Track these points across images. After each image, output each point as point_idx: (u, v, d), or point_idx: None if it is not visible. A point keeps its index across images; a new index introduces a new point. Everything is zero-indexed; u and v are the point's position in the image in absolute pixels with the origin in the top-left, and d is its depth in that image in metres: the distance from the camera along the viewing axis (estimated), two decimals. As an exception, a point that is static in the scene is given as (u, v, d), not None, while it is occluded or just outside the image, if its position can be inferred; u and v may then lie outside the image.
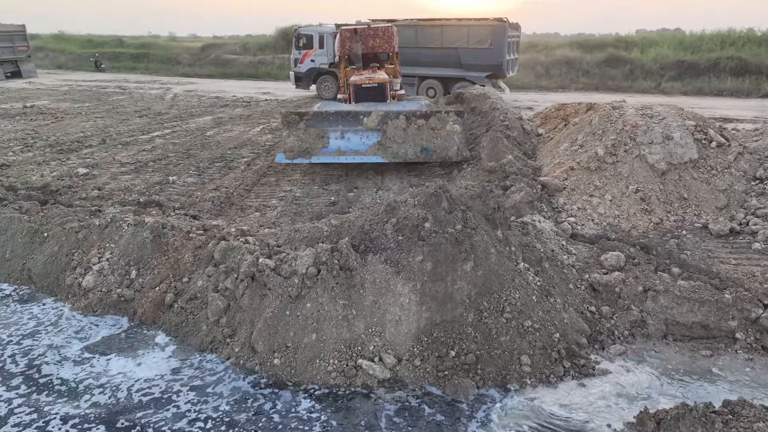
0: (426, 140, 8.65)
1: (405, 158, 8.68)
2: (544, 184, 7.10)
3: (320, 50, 18.11)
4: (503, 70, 15.85)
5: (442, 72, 16.52)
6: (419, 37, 16.59)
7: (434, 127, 8.69)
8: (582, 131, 8.00)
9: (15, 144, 11.16)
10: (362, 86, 9.80)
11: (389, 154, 8.66)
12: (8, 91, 21.63)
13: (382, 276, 4.99)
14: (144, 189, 8.21)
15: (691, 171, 6.98)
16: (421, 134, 8.68)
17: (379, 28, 11.26)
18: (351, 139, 8.82)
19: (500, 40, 15.37)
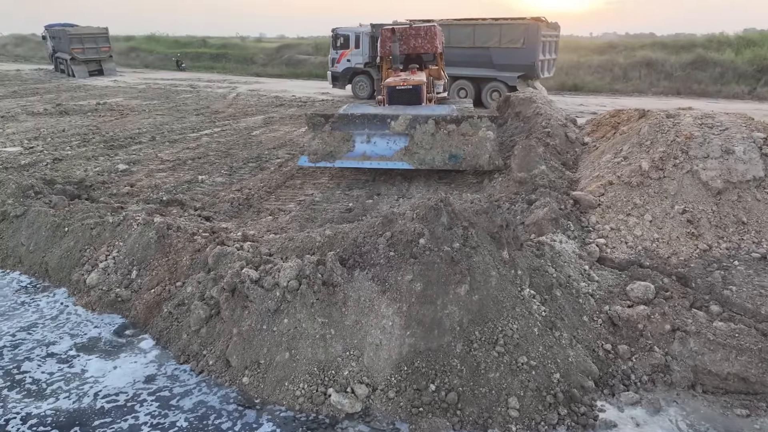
0: (455, 147, 8.17)
1: (432, 165, 8.23)
2: (576, 199, 6.40)
3: (356, 50, 18.22)
4: (537, 71, 15.33)
5: (474, 72, 16.11)
6: (452, 37, 16.19)
7: (465, 132, 8.19)
8: (628, 141, 7.18)
9: (75, 139, 11.79)
10: (396, 88, 9.44)
11: (416, 161, 8.24)
12: (93, 88, 23.19)
13: (367, 294, 4.61)
14: (172, 187, 8.31)
15: (755, 191, 6.03)
16: (451, 140, 8.20)
17: (421, 28, 10.79)
18: (377, 143, 8.52)
19: (534, 40, 14.87)
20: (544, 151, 7.69)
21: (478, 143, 8.13)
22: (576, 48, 32.01)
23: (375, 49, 16.58)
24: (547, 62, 16.39)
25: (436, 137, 8.27)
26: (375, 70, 17.54)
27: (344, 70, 18.74)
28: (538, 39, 15.03)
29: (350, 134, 8.63)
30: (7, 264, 6.64)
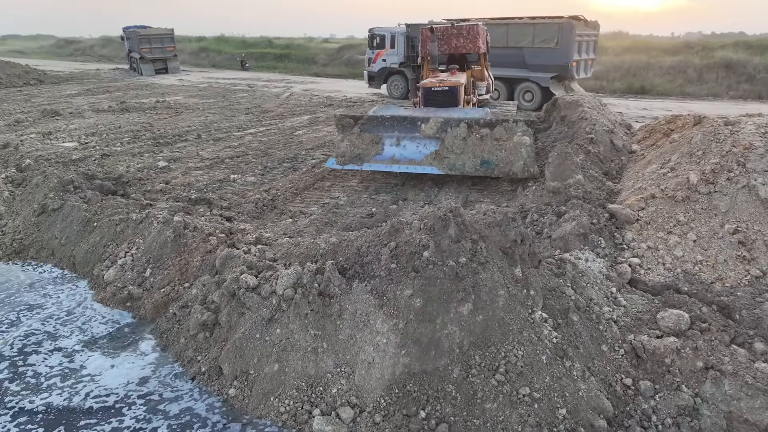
0: (488, 152, 7.76)
1: (462, 171, 7.84)
2: (612, 212, 5.86)
3: (391, 50, 18.27)
4: (571, 72, 14.88)
5: (506, 72, 15.56)
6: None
7: (499, 137, 7.76)
8: (677, 150, 6.51)
9: (127, 136, 12.26)
10: (432, 89, 9.06)
11: (446, 166, 7.87)
12: (158, 86, 24.25)
13: (364, 308, 4.37)
14: (204, 185, 8.39)
15: (823, 210, 5.27)
16: (483, 145, 7.80)
17: (463, 27, 10.37)
18: (407, 146, 8.22)
19: (568, 40, 14.38)
20: (584, 159, 7.13)
21: (512, 149, 7.68)
22: (646, 48, 30.24)
23: (410, 49, 17.34)
24: (583, 63, 15.86)
25: (467, 141, 7.88)
26: (410, 70, 17.67)
27: (380, 69, 18.86)
28: (572, 38, 14.49)
29: (379, 137, 8.40)
30: (41, 256, 6.89)
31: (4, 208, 7.82)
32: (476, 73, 10.78)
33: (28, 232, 7.18)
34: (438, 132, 8.02)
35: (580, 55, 15.23)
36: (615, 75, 24.82)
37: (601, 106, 10.46)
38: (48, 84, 25.71)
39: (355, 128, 8.54)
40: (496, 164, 7.75)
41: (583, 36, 15.23)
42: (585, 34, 15.53)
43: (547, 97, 14.37)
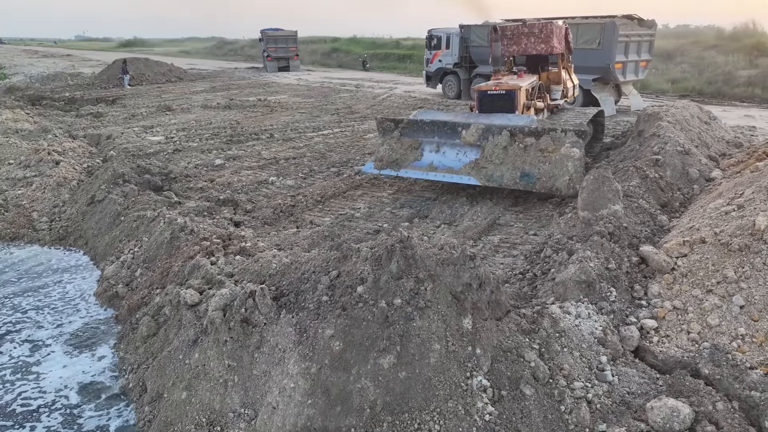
0: (530, 164, 6.99)
1: (500, 183, 7.13)
2: (644, 257, 4.68)
3: (446, 51, 18.66)
4: (613, 74, 14.11)
5: None
6: None
7: (545, 148, 6.97)
8: (756, 183, 5.02)
9: (210, 132, 12.90)
10: (487, 93, 8.32)
11: (483, 176, 7.19)
12: (275, 85, 25.57)
13: (284, 343, 3.88)
14: (242, 186, 8.43)
15: None
16: (526, 156, 7.04)
17: (535, 25, 9.46)
18: (446, 153, 7.70)
19: (610, 40, 13.73)
20: (638, 186, 5.85)
21: (557, 162, 6.81)
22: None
23: (464, 50, 17.93)
24: (632, 64, 15.03)
25: (508, 151, 7.17)
26: (463, 70, 18.23)
27: (436, 70, 19.21)
28: (614, 39, 13.78)
29: (419, 142, 7.94)
30: (78, 243, 7.36)
31: (68, 196, 8.53)
32: (552, 76, 9.85)
33: (75, 220, 7.73)
34: (479, 139, 7.42)
35: (627, 57, 14.37)
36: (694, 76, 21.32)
37: (704, 120, 8.69)
38: (186, 81, 28.39)
39: (395, 132, 8.16)
40: (537, 178, 6.92)
41: (631, 36, 14.40)
42: (635, 34, 14.70)
43: (589, 101, 13.65)
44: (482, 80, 16.91)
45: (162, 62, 30.64)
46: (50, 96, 22.09)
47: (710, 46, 27.96)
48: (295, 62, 34.96)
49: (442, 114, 8.64)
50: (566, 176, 6.71)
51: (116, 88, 25.81)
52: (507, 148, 7.18)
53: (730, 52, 25.86)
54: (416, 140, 7.97)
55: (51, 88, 25.73)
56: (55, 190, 8.53)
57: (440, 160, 7.69)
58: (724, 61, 24.32)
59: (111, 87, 26.10)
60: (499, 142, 7.22)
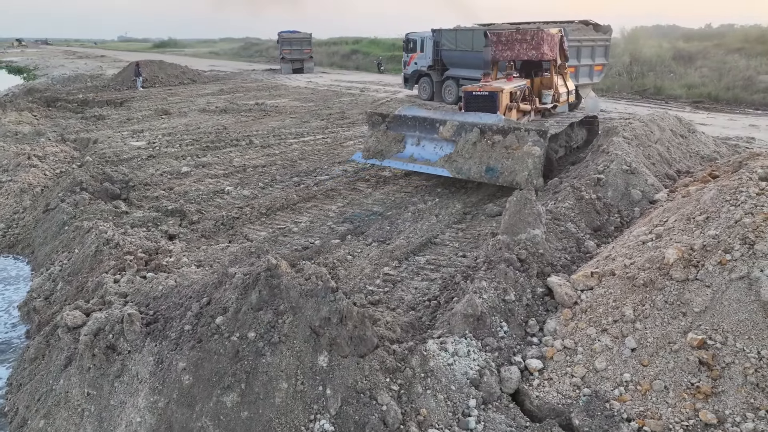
0: (495, 159, 7.60)
1: (468, 176, 7.81)
2: (552, 288, 4.37)
3: (421, 54, 19.49)
4: None
5: None
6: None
7: (509, 145, 7.58)
8: (680, 210, 4.64)
9: (190, 138, 12.93)
10: (472, 94, 9.10)
11: (454, 169, 7.90)
12: (282, 88, 25.65)
13: (143, 373, 3.74)
14: (196, 196, 8.36)
15: None
16: (492, 152, 7.67)
17: (528, 32, 9.94)
18: (426, 147, 8.49)
19: None
20: (571, 208, 5.51)
21: (519, 158, 7.37)
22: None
23: (436, 53, 18.63)
24: (584, 68, 15.39)
25: (477, 147, 7.82)
26: (436, 73, 19.01)
27: (413, 72, 20.17)
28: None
29: (403, 135, 8.75)
30: (25, 251, 7.40)
31: (29, 203, 8.61)
32: (545, 81, 10.30)
33: (28, 228, 7.78)
34: (454, 135, 8.11)
35: (580, 61, 14.80)
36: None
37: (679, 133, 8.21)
38: (198, 84, 28.72)
39: (382, 126, 8.97)
40: (500, 172, 7.50)
41: (583, 41, 14.82)
42: (587, 39, 15.15)
43: None
44: (453, 83, 18.39)
45: (176, 64, 31.11)
46: (65, 98, 22.60)
47: (734, 48, 26.80)
48: (309, 64, 35.24)
49: (424, 111, 9.27)
50: (525, 172, 7.18)
51: (129, 90, 26.31)
52: (476, 143, 7.77)
53: (755, 56, 24.72)
54: (400, 134, 8.74)
55: (68, 90, 26.39)
56: (18, 197, 8.62)
57: (420, 152, 8.44)
58: (746, 66, 23.25)
59: (125, 89, 26.61)
60: (469, 138, 7.82)
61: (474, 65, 17.39)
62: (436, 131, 8.29)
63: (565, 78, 10.93)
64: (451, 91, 18.67)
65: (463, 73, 17.93)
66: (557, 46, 10.06)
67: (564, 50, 10.67)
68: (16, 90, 26.05)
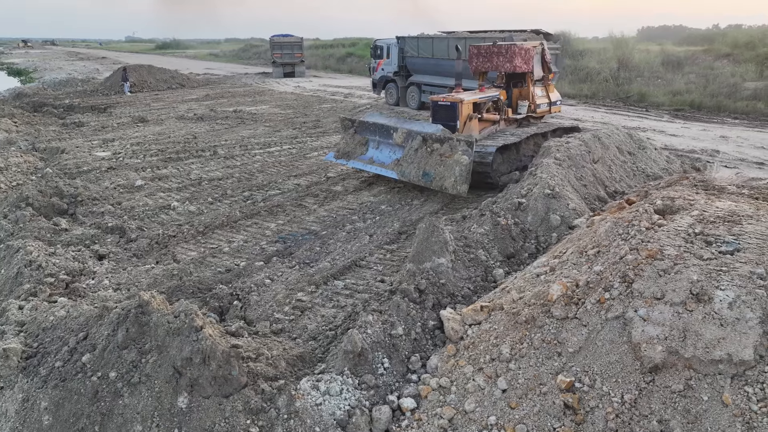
0: (430, 165, 8.30)
1: (409, 179, 8.59)
2: (443, 321, 4.32)
3: (387, 60, 20.17)
4: None
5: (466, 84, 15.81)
6: (450, 49, 16.79)
7: (443, 153, 8.25)
8: (578, 242, 4.58)
9: (157, 148, 12.92)
10: (438, 103, 9.70)
11: (400, 172, 8.69)
12: (267, 93, 25.65)
13: (11, 411, 3.71)
14: (140, 212, 8.34)
15: (724, 383, 3.22)
16: (430, 159, 8.38)
17: (503, 46, 10.39)
18: (383, 151, 9.35)
19: None
20: (487, 233, 5.45)
21: (450, 165, 8.02)
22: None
23: (401, 60, 19.39)
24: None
25: (418, 153, 8.53)
26: (401, 78, 19.70)
27: (380, 77, 20.89)
28: None
29: (366, 139, 9.68)
30: (-39, 269, 7.38)
31: (-21, 218, 8.60)
32: (523, 92, 10.77)
33: (-33, 245, 7.78)
34: (404, 141, 8.90)
35: None
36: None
37: (627, 150, 8.12)
38: (187, 88, 28.74)
39: (351, 129, 9.94)
40: (434, 177, 8.20)
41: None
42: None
43: None
44: (416, 88, 19.02)
45: (165, 69, 31.14)
46: (52, 103, 22.66)
47: (723, 54, 26.59)
48: (301, 68, 35.31)
49: (383, 118, 10.22)
50: (452, 178, 7.87)
51: (117, 95, 26.37)
52: (417, 150, 8.53)
53: (742, 62, 24.52)
54: (365, 138, 9.69)
55: (56, 95, 26.46)
56: (-34, 211, 8.61)
57: (378, 156, 9.36)
58: (732, 72, 23.06)
59: (112, 94, 26.66)
60: (413, 145, 8.61)
61: (435, 71, 18.17)
62: (392, 137, 9.12)
63: (547, 89, 11.18)
64: (414, 97, 19.28)
65: (425, 79, 18.56)
66: (533, 59, 10.36)
67: (546, 62, 11.03)
68: (6, 94, 26.11)
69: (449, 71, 17.08)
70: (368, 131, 9.64)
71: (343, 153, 9.85)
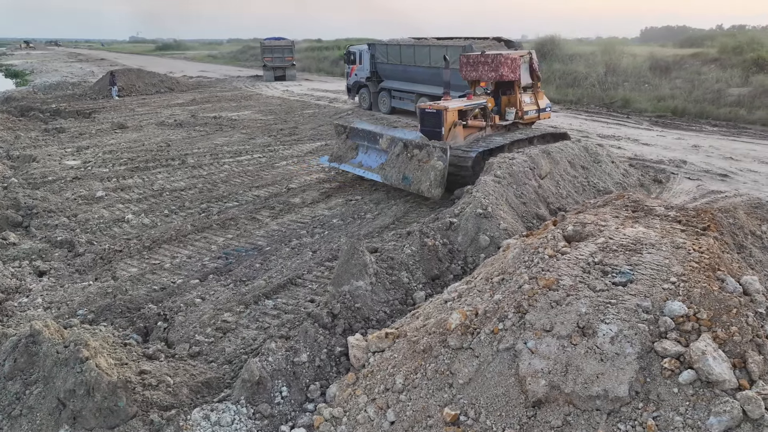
0: (410, 170, 8.88)
1: (391, 182, 9.21)
2: (349, 347, 4.30)
3: (360, 66, 20.59)
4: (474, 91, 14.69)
5: (432, 90, 16.74)
6: (416, 55, 17.38)
7: (421, 158, 8.82)
8: (487, 268, 4.56)
9: (127, 156, 12.93)
10: (425, 110, 10.12)
11: (383, 176, 9.35)
12: (255, 98, 25.65)
13: None
14: (94, 225, 8.34)
15: (599, 419, 3.20)
16: (410, 164, 8.96)
17: (489, 56, 10.79)
18: (371, 156, 10.07)
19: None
20: (414, 254, 5.43)
21: (426, 170, 8.56)
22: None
23: (373, 65, 19.75)
24: None
25: (399, 158, 9.17)
26: (372, 84, 20.03)
27: (353, 83, 21.34)
28: None
29: (357, 144, 10.40)
30: None
31: (-66, 229, 8.61)
32: (512, 99, 11.13)
33: None
34: (388, 147, 9.55)
35: None
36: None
37: (581, 165, 8.10)
38: (176, 92, 28.78)
39: (344, 135, 10.68)
40: (412, 181, 8.79)
41: None
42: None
43: None
44: (386, 94, 19.57)
45: (155, 73, 31.22)
46: (39, 107, 22.71)
47: (711, 59, 26.48)
48: (292, 72, 35.40)
49: (371, 125, 11.29)
50: (427, 182, 8.44)
51: (104, 99, 26.42)
52: (399, 155, 9.16)
53: (729, 67, 24.43)
54: (355, 143, 10.41)
55: (45, 99, 26.53)
56: (-76, 224, 8.62)
57: (366, 160, 10.07)
58: (718, 78, 22.98)
59: (100, 98, 26.71)
60: (395, 150, 9.26)
61: (403, 77, 18.48)
62: (378, 143, 9.81)
63: (536, 96, 11.55)
64: (385, 102, 19.67)
65: (395, 85, 18.91)
66: (520, 68, 10.71)
67: (535, 71, 11.38)
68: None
69: (416, 77, 17.71)
70: (358, 137, 10.37)
71: (336, 157, 10.59)
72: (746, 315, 3.38)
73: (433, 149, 8.67)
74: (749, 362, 3.15)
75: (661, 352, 3.26)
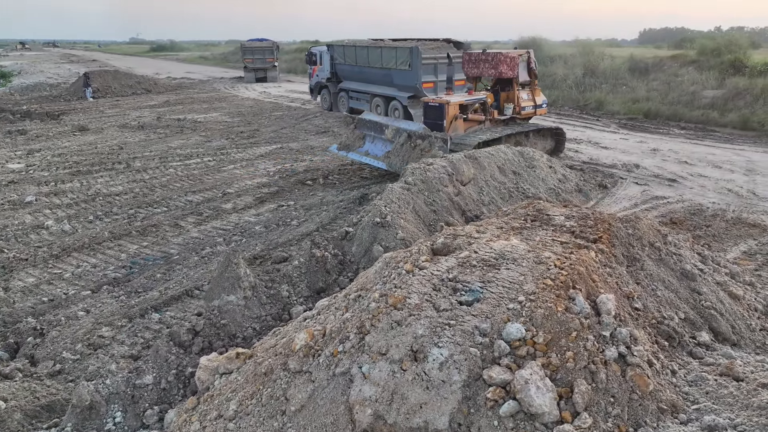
0: (413, 158, 9.14)
1: (395, 170, 9.56)
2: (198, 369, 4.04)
3: (321, 67, 20.81)
4: (421, 93, 15.50)
5: (384, 91, 17.13)
6: (370, 56, 17.47)
7: (424, 148, 9.42)
8: (356, 281, 4.30)
9: (72, 160, 12.66)
10: (428, 104, 10.86)
11: (388, 164, 9.96)
12: (231, 99, 25.40)
13: None
14: (11, 232, 8.07)
15: (420, 455, 2.94)
16: (413, 153, 9.49)
17: (489, 54, 11.68)
18: (377, 145, 10.70)
19: (417, 62, 15.56)
20: (300, 266, 5.17)
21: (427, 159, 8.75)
22: None
23: (332, 66, 19.88)
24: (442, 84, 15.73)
25: (403, 147, 9.78)
26: (332, 84, 20.21)
27: (315, 83, 21.56)
28: (419, 62, 15.50)
29: (364, 134, 11.11)
30: None
31: None
32: (510, 95, 11.66)
33: None
34: (393, 137, 10.23)
35: (437, 77, 15.73)
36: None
37: (513, 170, 7.87)
38: (152, 93, 28.50)
39: (352, 125, 11.53)
40: None
41: (439, 59, 15.59)
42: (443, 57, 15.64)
43: (409, 116, 15.34)
44: (345, 94, 19.73)
45: (131, 74, 30.99)
46: (10, 109, 22.41)
47: (690, 61, 26.28)
48: (273, 73, 35.19)
49: (377, 116, 12.10)
50: None
51: (78, 101, 26.14)
52: (403, 145, 9.77)
53: (706, 69, 24.23)
54: (362, 132, 11.08)
55: (18, 100, 26.25)
56: None
57: (372, 149, 10.72)
58: (693, 80, 22.77)
59: (74, 100, 26.45)
60: (399, 140, 9.90)
61: (360, 78, 18.45)
62: (384, 133, 10.45)
63: (533, 93, 12.18)
64: (344, 102, 19.70)
65: (353, 86, 18.89)
66: (518, 66, 11.31)
67: (532, 69, 11.94)
68: (-31, 100, 25.88)
69: (370, 78, 17.79)
70: (365, 127, 11.07)
71: (344, 146, 11.25)
72: (586, 339, 3.13)
73: (434, 140, 9.49)
74: (575, 392, 2.89)
75: (488, 380, 3.00)
